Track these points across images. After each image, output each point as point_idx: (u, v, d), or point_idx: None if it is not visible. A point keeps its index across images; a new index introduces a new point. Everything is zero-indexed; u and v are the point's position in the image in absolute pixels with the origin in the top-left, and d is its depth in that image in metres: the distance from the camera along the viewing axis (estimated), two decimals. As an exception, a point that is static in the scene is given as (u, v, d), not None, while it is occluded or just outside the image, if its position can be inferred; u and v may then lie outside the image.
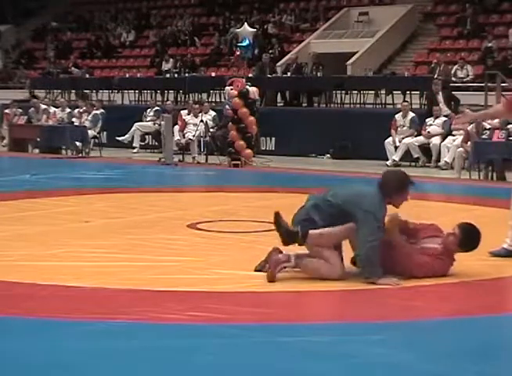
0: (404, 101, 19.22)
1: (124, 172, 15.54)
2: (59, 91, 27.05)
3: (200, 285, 6.42)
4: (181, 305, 5.83)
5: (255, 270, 6.81)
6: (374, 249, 6.44)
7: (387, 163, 17.41)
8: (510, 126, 15.39)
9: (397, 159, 17.54)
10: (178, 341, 5.04)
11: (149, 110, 21.57)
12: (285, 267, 6.60)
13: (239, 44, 17.82)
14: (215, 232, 8.78)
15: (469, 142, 15.63)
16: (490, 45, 22.99)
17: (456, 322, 5.63)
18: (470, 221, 7.05)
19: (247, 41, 17.52)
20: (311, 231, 6.53)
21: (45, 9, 35.96)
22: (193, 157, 18.53)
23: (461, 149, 15.95)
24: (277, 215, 6.62)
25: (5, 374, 4.48)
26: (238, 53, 18.21)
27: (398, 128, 17.88)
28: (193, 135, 18.74)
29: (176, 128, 19.08)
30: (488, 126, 16.00)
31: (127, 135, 21.24)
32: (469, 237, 6.78)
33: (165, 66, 26.82)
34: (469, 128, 16.10)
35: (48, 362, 4.70)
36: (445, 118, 17.53)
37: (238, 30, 19.12)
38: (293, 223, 6.71)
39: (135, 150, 20.85)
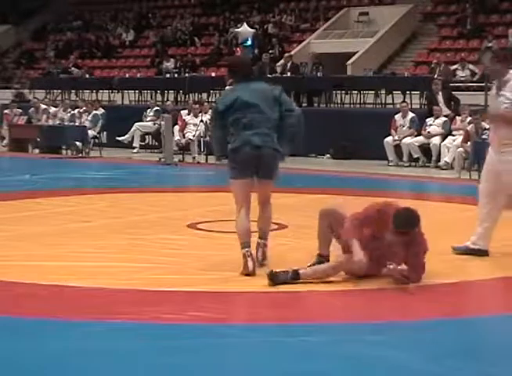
0: (403, 101, 19.21)
1: (124, 172, 15.54)
2: (59, 91, 27.07)
3: (200, 285, 6.42)
4: (181, 305, 5.83)
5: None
6: None
7: (390, 164, 17.48)
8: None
9: (405, 159, 17.60)
10: (178, 341, 5.04)
11: (149, 110, 21.57)
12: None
13: (245, 43, 17.80)
14: (215, 232, 8.78)
15: (469, 142, 15.64)
16: (490, 45, 22.98)
17: (456, 322, 5.63)
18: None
19: (250, 41, 17.51)
20: (301, 272, 6.49)
21: (45, 9, 35.93)
22: (193, 157, 18.53)
23: (461, 149, 15.95)
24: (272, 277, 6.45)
25: (5, 374, 4.48)
26: (239, 54, 18.16)
27: (398, 128, 17.89)
28: (193, 135, 18.74)
29: (176, 128, 19.09)
30: (487, 126, 16.00)
31: (127, 135, 21.25)
32: (399, 220, 6.39)
33: (165, 65, 26.77)
34: (468, 128, 16.11)
35: (48, 362, 4.70)
36: (445, 118, 17.53)
37: (238, 29, 19.12)
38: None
39: (135, 150, 20.85)
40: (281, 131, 7.05)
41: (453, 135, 17.01)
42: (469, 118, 16.79)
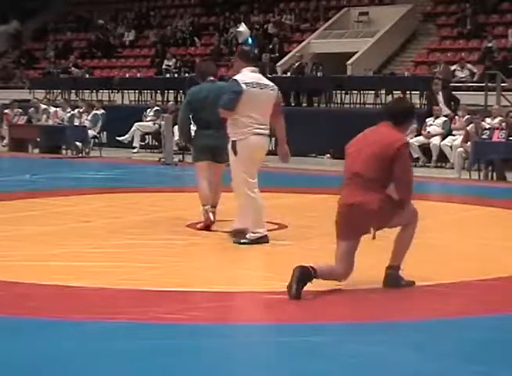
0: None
1: (124, 172, 15.54)
2: (59, 91, 27.08)
3: (200, 285, 6.42)
4: (181, 305, 5.83)
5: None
6: None
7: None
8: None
9: None
10: (178, 341, 5.03)
11: (149, 110, 21.58)
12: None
13: (248, 42, 17.75)
14: (215, 232, 8.78)
15: (469, 142, 15.64)
16: (490, 45, 22.98)
17: (456, 322, 5.63)
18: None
19: (251, 41, 17.49)
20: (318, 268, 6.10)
21: (45, 9, 35.93)
22: (193, 157, 18.52)
23: (461, 149, 15.95)
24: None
25: (5, 374, 4.48)
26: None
27: (398, 128, 17.88)
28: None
29: (176, 128, 19.07)
30: (487, 126, 16.02)
31: (127, 135, 21.25)
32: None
33: (166, 63, 26.73)
34: (468, 128, 16.12)
35: (47, 362, 4.69)
36: (445, 118, 17.54)
37: (239, 29, 19.09)
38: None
39: (135, 150, 20.85)
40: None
41: (453, 135, 17.02)
42: (466, 116, 16.82)
